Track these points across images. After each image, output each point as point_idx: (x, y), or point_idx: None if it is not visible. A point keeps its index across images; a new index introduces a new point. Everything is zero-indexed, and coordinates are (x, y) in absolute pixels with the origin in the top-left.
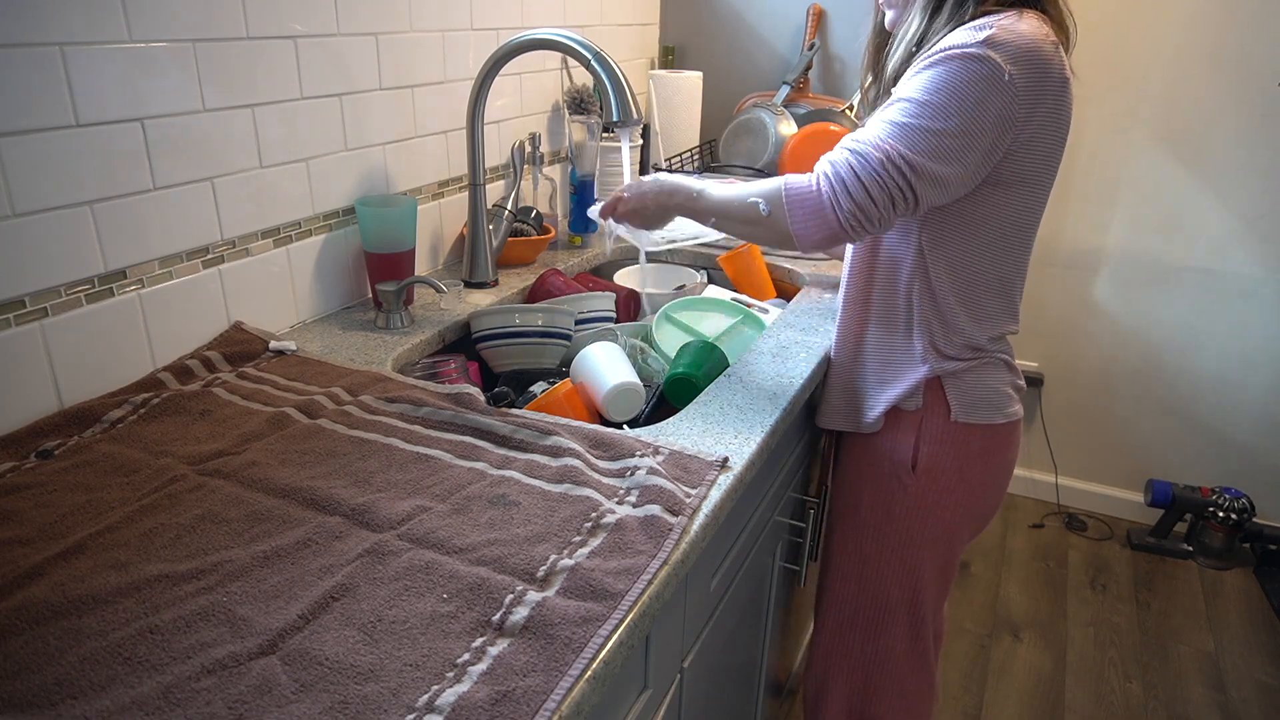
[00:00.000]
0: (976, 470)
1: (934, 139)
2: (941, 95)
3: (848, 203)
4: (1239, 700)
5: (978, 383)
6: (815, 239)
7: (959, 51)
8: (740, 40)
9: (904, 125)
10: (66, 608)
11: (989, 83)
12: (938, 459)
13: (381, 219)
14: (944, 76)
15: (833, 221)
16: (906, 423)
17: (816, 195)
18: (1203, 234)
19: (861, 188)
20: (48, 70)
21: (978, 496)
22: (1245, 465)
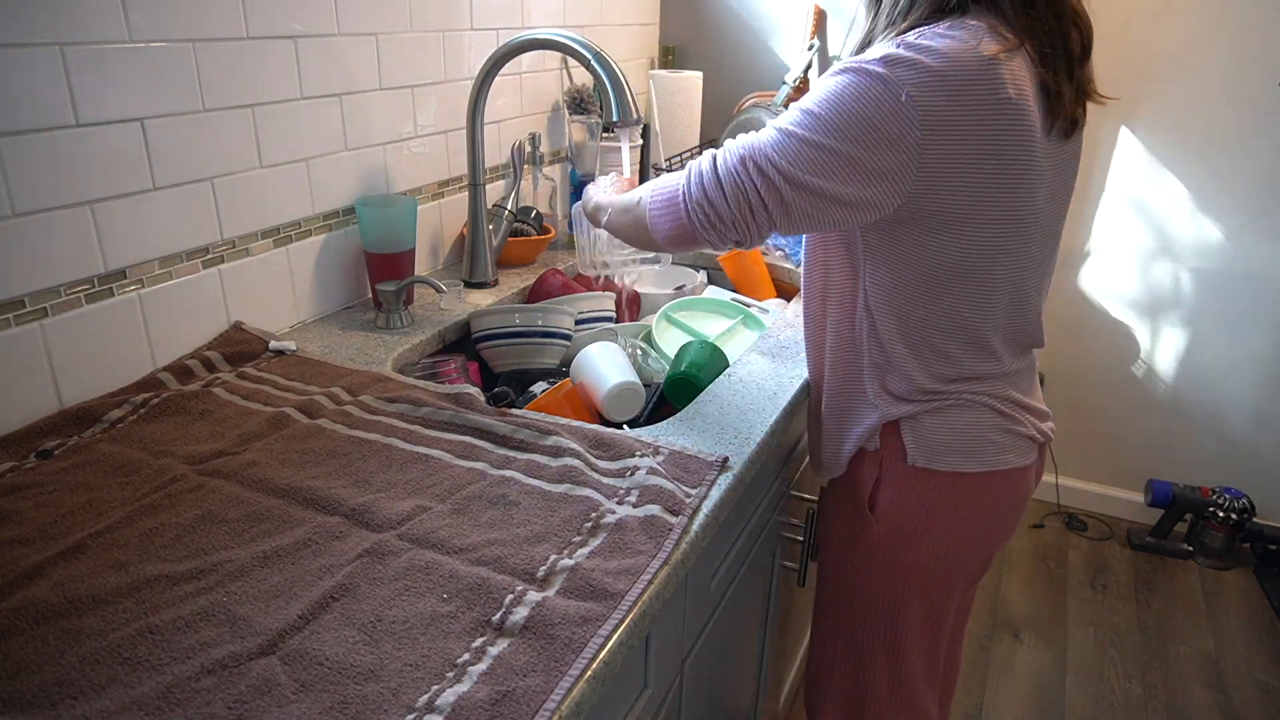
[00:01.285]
0: (945, 520)
1: (810, 151)
2: (829, 108)
3: (699, 195)
4: (1239, 700)
5: (940, 427)
6: (665, 230)
7: (858, 65)
8: (740, 40)
9: (784, 132)
10: (66, 608)
11: (879, 101)
12: (898, 503)
13: (381, 219)
14: (837, 89)
15: (681, 214)
16: (869, 460)
17: (674, 188)
18: (1203, 234)
19: (716, 184)
20: (48, 70)
21: (953, 547)
22: (1245, 465)
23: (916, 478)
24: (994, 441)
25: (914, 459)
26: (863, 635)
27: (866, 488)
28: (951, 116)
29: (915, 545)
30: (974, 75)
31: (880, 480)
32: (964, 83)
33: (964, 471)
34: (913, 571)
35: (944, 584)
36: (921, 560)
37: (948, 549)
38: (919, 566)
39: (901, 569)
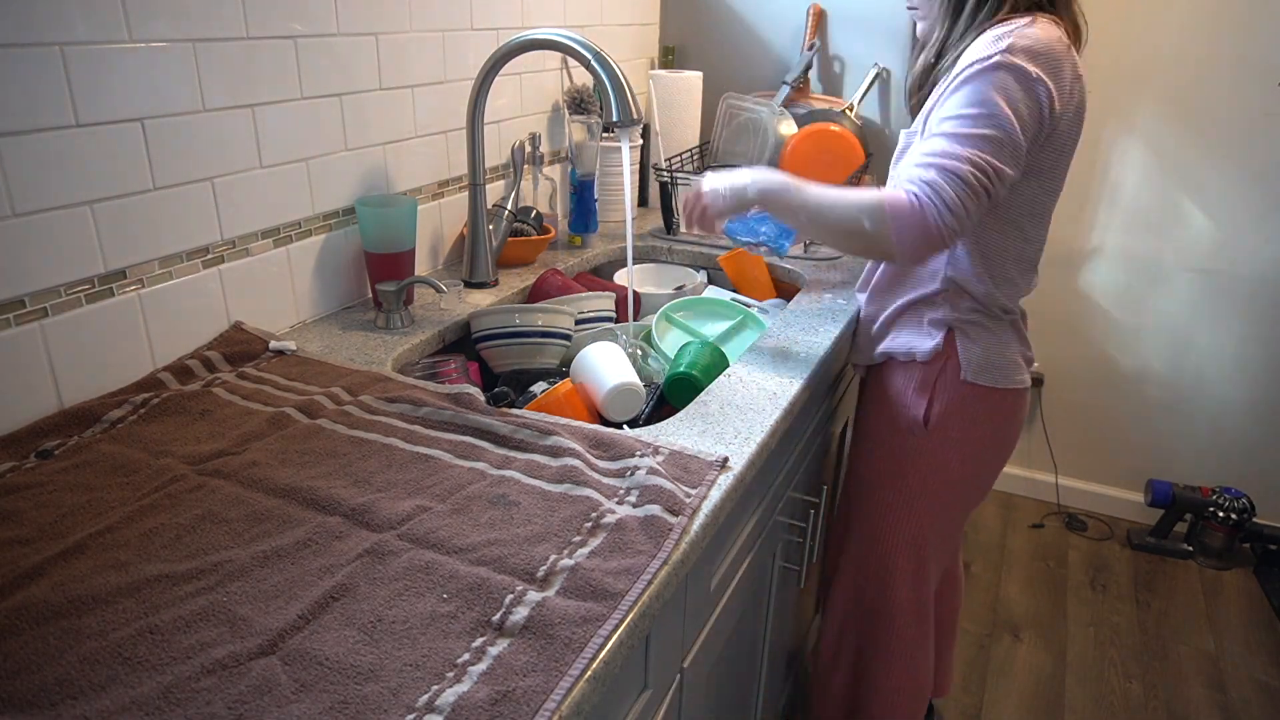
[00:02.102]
0: (985, 431)
1: (994, 144)
2: (987, 105)
3: (949, 218)
4: (1239, 700)
5: (989, 344)
6: (917, 252)
7: (983, 65)
8: (740, 40)
9: (966, 137)
10: (66, 608)
11: (1021, 84)
12: (948, 418)
13: (381, 219)
14: (981, 89)
15: (934, 235)
16: (919, 381)
17: (920, 213)
18: (1203, 234)
19: (959, 202)
20: (48, 70)
21: (983, 460)
22: (1245, 465)
23: (966, 393)
24: (1018, 364)
25: (966, 374)
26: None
27: (919, 407)
28: (1061, 91)
29: (957, 455)
30: (1066, 59)
31: (934, 396)
32: (1061, 61)
33: (998, 387)
34: (947, 484)
35: (967, 494)
36: (958, 472)
37: (981, 459)
38: (952, 478)
39: (938, 483)
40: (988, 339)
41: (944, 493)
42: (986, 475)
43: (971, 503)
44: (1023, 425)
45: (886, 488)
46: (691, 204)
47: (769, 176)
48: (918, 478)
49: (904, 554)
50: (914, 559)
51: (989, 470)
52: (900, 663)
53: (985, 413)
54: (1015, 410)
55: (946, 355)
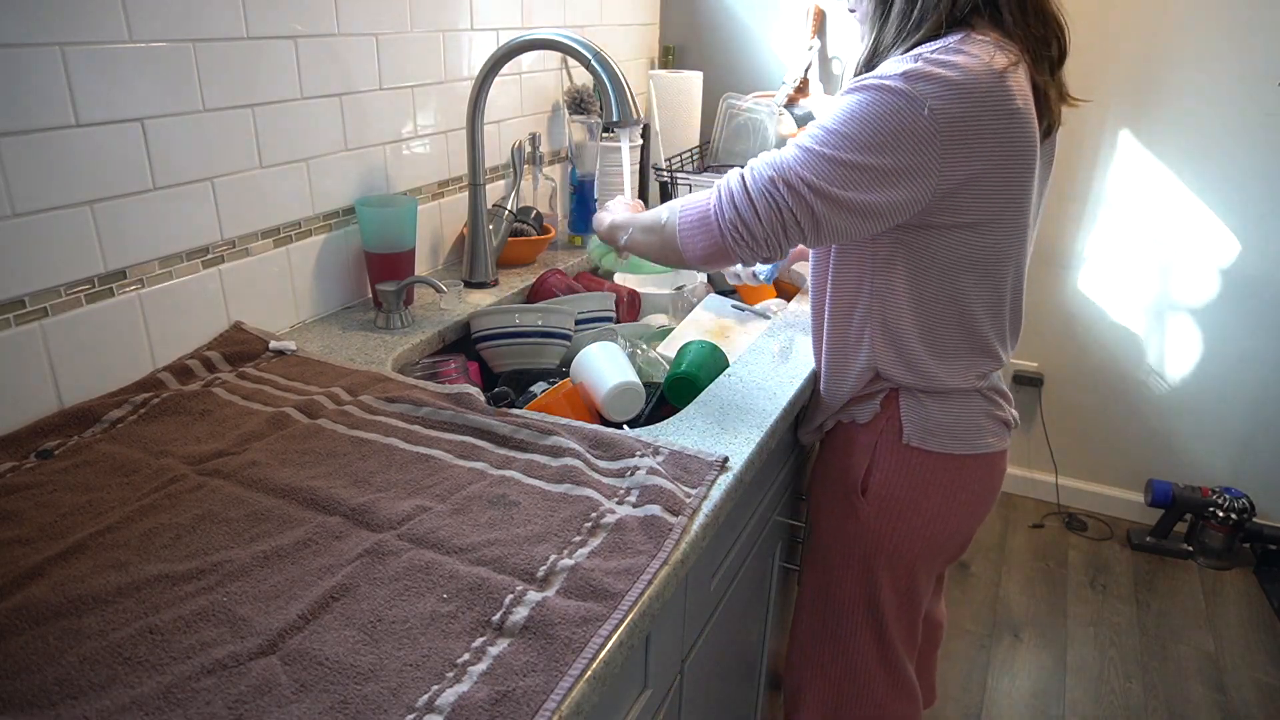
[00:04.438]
0: (935, 501)
1: (838, 169)
2: (854, 125)
3: (731, 215)
4: (1239, 700)
5: (939, 407)
6: (699, 249)
7: (877, 82)
8: (740, 40)
9: (809, 151)
10: (66, 608)
11: (903, 115)
12: (889, 485)
13: (381, 219)
14: (859, 106)
15: (715, 233)
16: (861, 443)
17: (704, 207)
18: (1203, 234)
19: (748, 202)
20: (48, 70)
21: (937, 528)
22: (1245, 465)
23: (909, 457)
24: (981, 426)
25: (909, 438)
26: (848, 612)
27: (859, 471)
28: (970, 127)
29: (902, 525)
30: (989, 89)
31: (874, 461)
32: (981, 96)
33: (953, 453)
34: (896, 553)
35: (925, 563)
36: (906, 541)
37: (933, 528)
38: (902, 547)
39: (886, 550)
40: (936, 402)
41: (896, 559)
42: (945, 541)
43: (935, 565)
44: (996, 488)
45: (833, 548)
46: None
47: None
48: (861, 544)
49: (860, 615)
50: (873, 620)
51: (946, 537)
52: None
53: (935, 481)
54: (978, 477)
55: (887, 418)
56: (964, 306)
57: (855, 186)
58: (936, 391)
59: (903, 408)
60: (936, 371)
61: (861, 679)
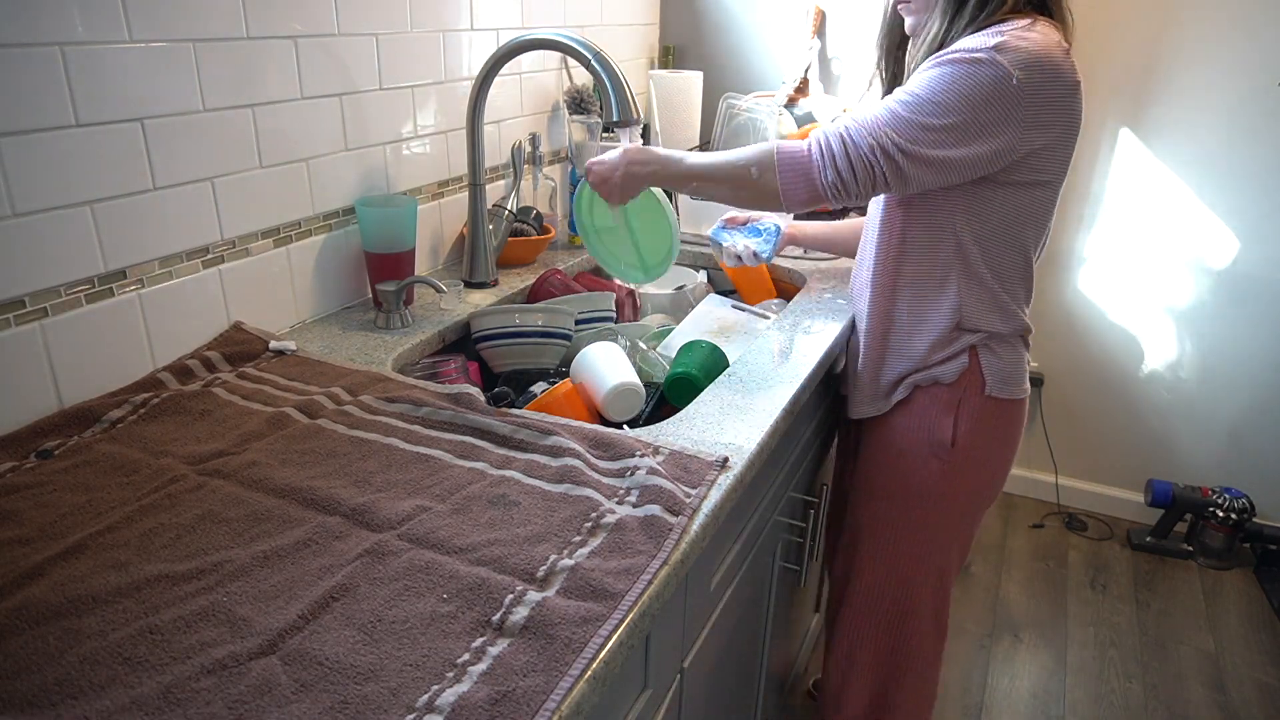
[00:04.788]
0: (1001, 444)
1: (931, 133)
2: (946, 95)
3: (833, 174)
4: (1239, 700)
5: (1007, 357)
6: (800, 197)
7: (967, 55)
8: (740, 40)
9: (899, 116)
10: (66, 608)
11: (994, 85)
12: (974, 435)
13: (381, 219)
14: (949, 76)
15: (816, 186)
16: (946, 401)
17: (806, 159)
18: (1203, 234)
19: (848, 163)
20: (48, 70)
21: (999, 470)
22: (1245, 465)
23: (988, 408)
24: (1024, 371)
25: (990, 388)
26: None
27: (945, 428)
28: (1048, 97)
29: (980, 471)
30: (1060, 63)
31: (959, 416)
32: (1056, 68)
33: (1016, 398)
34: (970, 500)
35: (984, 509)
36: (982, 485)
37: (1001, 473)
38: (976, 492)
39: (961, 502)
40: (1009, 352)
41: (966, 507)
42: (1000, 483)
43: (985, 510)
44: None
45: (908, 513)
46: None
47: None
48: (941, 499)
49: (927, 575)
50: (936, 578)
51: (1002, 478)
52: (921, 679)
53: (1003, 425)
54: (1023, 417)
55: (971, 373)
56: (1025, 255)
57: (944, 145)
58: (1005, 337)
59: (983, 361)
60: (1016, 311)
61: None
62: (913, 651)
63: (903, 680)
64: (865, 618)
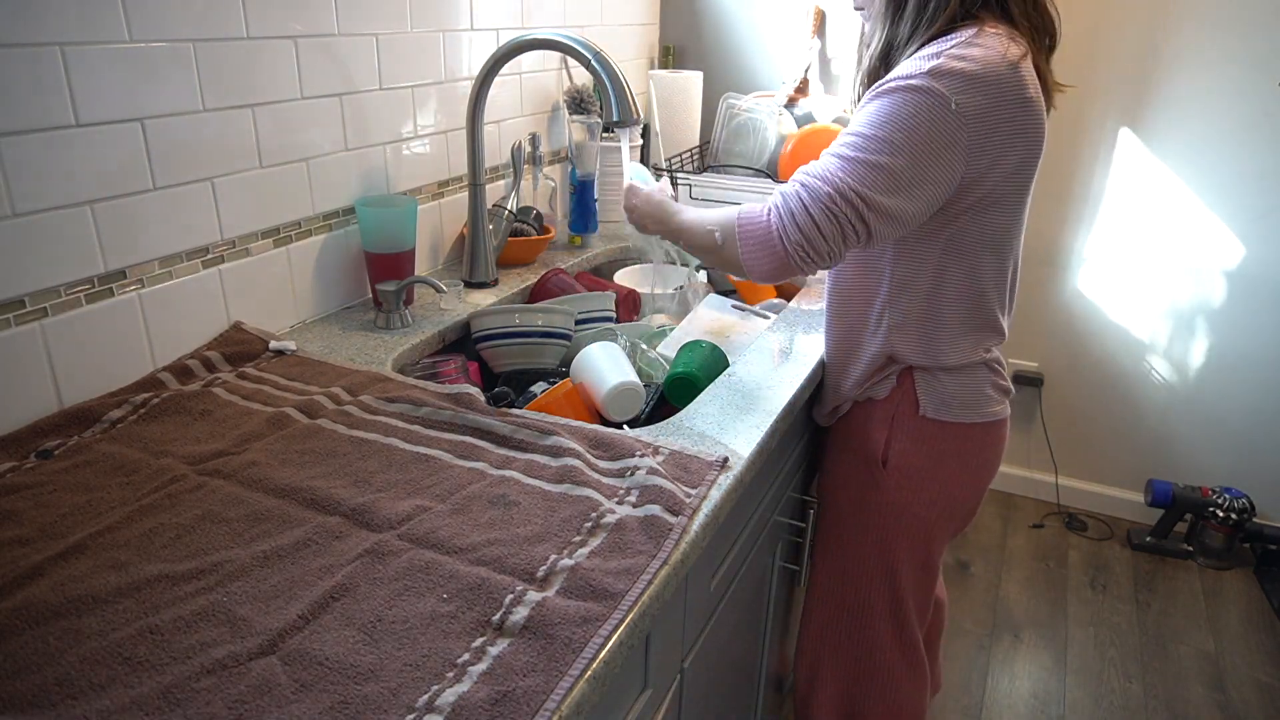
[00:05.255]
0: (951, 468)
1: (882, 174)
2: (888, 129)
3: (795, 235)
4: (1239, 700)
5: (951, 380)
6: (764, 269)
7: (903, 83)
8: (740, 40)
9: (852, 160)
10: (66, 608)
11: (933, 113)
12: (908, 455)
13: (381, 219)
14: (889, 109)
15: (780, 253)
16: (878, 417)
17: (766, 226)
18: (1203, 234)
19: (810, 220)
20: (48, 70)
21: (953, 494)
22: (1245, 465)
23: (926, 428)
24: (987, 395)
25: (924, 410)
26: (866, 591)
27: (877, 445)
28: (991, 117)
29: (921, 495)
30: (1005, 79)
31: (892, 434)
32: (1000, 88)
33: (964, 422)
34: (916, 523)
35: (940, 531)
36: (924, 509)
37: (949, 495)
38: (921, 516)
39: (907, 520)
40: (949, 375)
41: (913, 528)
42: (959, 508)
43: (948, 534)
44: (1001, 452)
45: (852, 524)
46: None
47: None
48: (882, 515)
49: (878, 590)
50: (889, 595)
51: (961, 503)
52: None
53: (951, 449)
54: (985, 442)
55: (903, 392)
56: (979, 286)
57: (900, 188)
58: (948, 367)
59: (918, 383)
60: (949, 351)
61: (878, 657)
62: (878, 668)
63: (871, 695)
64: (824, 627)
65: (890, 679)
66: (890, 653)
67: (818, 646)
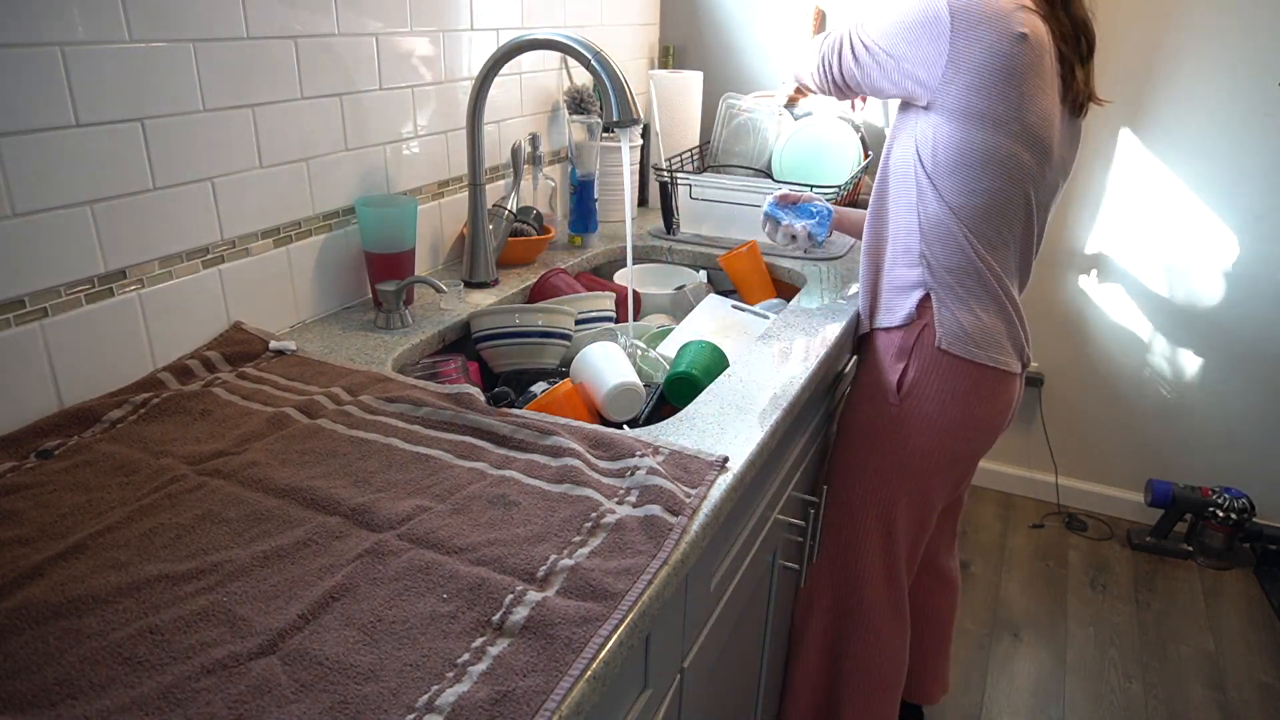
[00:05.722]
0: (960, 406)
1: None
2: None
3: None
4: (1239, 700)
5: (968, 314)
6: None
7: None
8: (740, 40)
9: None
10: (66, 608)
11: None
12: (922, 386)
13: (381, 219)
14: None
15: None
16: (897, 347)
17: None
18: (1203, 234)
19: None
20: (48, 70)
21: (959, 434)
22: (1245, 465)
23: (941, 364)
24: (1000, 343)
25: (940, 341)
26: (861, 520)
27: (894, 373)
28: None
29: (928, 426)
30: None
31: (909, 363)
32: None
33: (978, 362)
34: (918, 455)
35: (940, 476)
36: (927, 442)
37: (954, 437)
38: (923, 449)
39: (908, 458)
40: (965, 310)
41: (914, 463)
42: (961, 455)
43: (944, 482)
44: (1005, 414)
45: (859, 452)
46: None
47: None
48: (888, 445)
49: (873, 525)
50: (882, 532)
51: (962, 450)
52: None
53: (961, 387)
54: (994, 391)
55: (923, 321)
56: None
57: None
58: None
59: (935, 312)
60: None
61: (865, 592)
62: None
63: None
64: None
65: (873, 617)
66: (877, 590)
67: (814, 578)
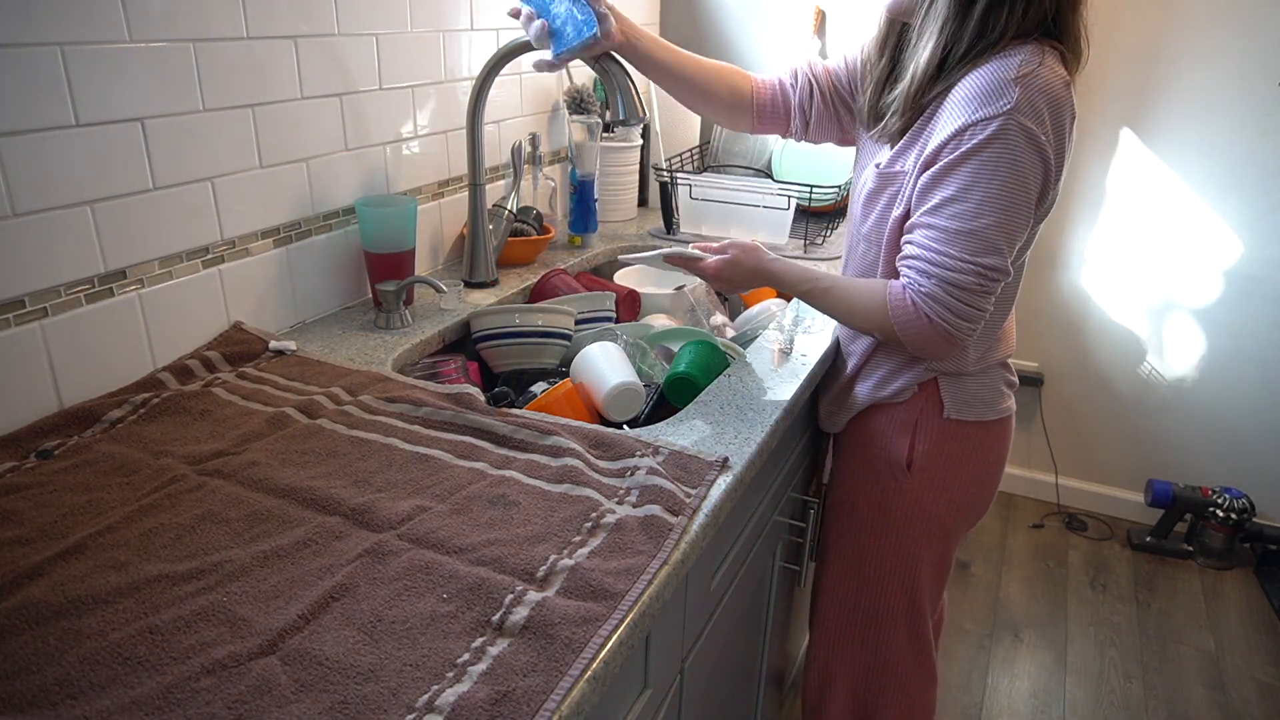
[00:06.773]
0: (971, 466)
1: (1000, 231)
2: (989, 188)
3: (966, 325)
4: (1239, 700)
5: (973, 380)
6: (943, 355)
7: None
8: (740, 40)
9: (968, 233)
10: (66, 608)
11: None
12: (932, 457)
13: (381, 219)
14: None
15: (957, 340)
16: (900, 422)
17: (934, 331)
18: (1203, 234)
19: (969, 308)
20: (48, 70)
21: (972, 492)
22: (1245, 465)
23: (949, 430)
24: (1003, 392)
25: (950, 412)
26: (883, 596)
27: (902, 450)
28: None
29: (943, 495)
30: (1066, 101)
31: (916, 438)
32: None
33: (984, 420)
34: (937, 522)
35: (958, 529)
36: (946, 509)
37: (969, 493)
38: (942, 517)
39: (928, 521)
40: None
41: (934, 529)
42: (978, 504)
43: (962, 532)
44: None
45: (870, 529)
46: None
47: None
48: (904, 519)
49: (896, 595)
50: (906, 600)
51: (979, 500)
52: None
53: (971, 447)
54: (1001, 438)
55: (927, 394)
56: (1008, 294)
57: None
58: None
59: (942, 385)
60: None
61: (891, 659)
62: (891, 670)
63: (884, 698)
64: (838, 632)
65: (903, 680)
66: (904, 654)
67: (830, 652)
